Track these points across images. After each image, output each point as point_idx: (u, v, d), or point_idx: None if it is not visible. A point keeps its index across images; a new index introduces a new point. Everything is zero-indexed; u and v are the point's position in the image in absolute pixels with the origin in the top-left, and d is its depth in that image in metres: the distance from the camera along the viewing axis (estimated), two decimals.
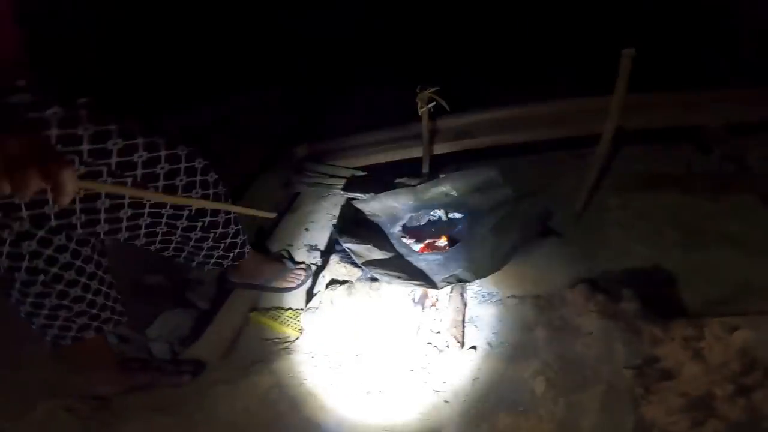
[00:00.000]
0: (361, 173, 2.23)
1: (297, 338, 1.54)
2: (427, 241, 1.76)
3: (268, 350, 1.55)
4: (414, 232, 1.82)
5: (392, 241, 1.66)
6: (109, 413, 1.38)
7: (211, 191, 1.27)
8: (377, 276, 1.45)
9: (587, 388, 1.18)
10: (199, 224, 1.32)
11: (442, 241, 1.75)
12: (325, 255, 1.82)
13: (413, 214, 1.83)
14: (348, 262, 1.63)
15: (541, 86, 2.47)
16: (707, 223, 1.74)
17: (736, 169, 2.05)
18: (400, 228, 1.76)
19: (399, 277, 1.45)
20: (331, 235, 1.89)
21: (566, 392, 1.20)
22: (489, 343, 1.44)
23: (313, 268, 1.77)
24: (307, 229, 2.00)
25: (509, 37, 2.77)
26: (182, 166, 1.18)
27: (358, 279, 1.60)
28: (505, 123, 2.29)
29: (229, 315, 1.64)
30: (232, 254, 1.49)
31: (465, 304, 1.54)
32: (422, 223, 1.87)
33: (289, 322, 1.62)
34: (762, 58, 2.39)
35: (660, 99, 2.30)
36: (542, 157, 2.36)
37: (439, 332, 1.48)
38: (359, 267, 1.58)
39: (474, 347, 1.43)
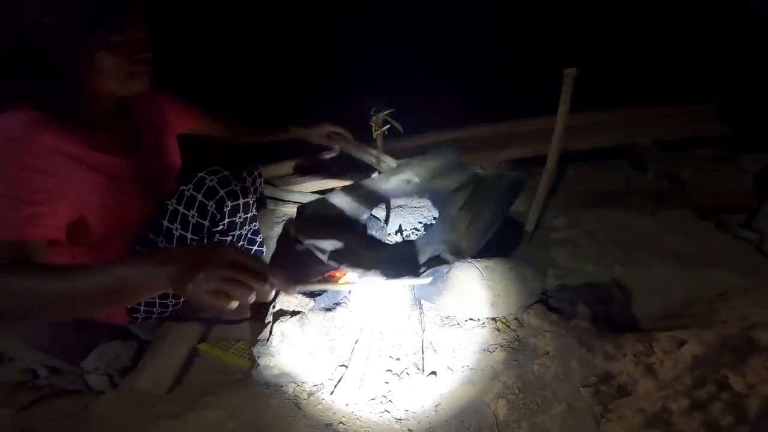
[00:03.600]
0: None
1: (249, 370, 1.47)
2: (396, 230, 1.71)
3: (219, 382, 1.48)
4: (381, 222, 1.78)
5: (359, 233, 1.58)
6: None
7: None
8: (351, 271, 1.37)
9: (548, 410, 1.19)
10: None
11: (413, 227, 1.70)
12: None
13: (378, 206, 1.76)
14: (299, 292, 1.57)
15: (490, 107, 2.53)
16: (648, 238, 1.82)
17: (670, 184, 2.17)
18: (366, 218, 1.68)
19: (374, 271, 1.37)
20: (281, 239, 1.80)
21: (528, 415, 1.20)
22: (450, 368, 1.42)
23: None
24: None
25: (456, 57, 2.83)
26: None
27: (311, 309, 1.55)
28: (457, 145, 2.33)
29: (176, 346, 1.55)
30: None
31: (423, 330, 1.52)
32: (388, 213, 1.83)
33: (240, 353, 1.55)
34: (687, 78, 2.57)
35: (595, 119, 2.41)
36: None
37: (398, 359, 1.46)
38: (311, 297, 1.53)
39: (434, 372, 1.41)
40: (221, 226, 1.38)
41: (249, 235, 1.53)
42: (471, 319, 1.55)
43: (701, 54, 2.56)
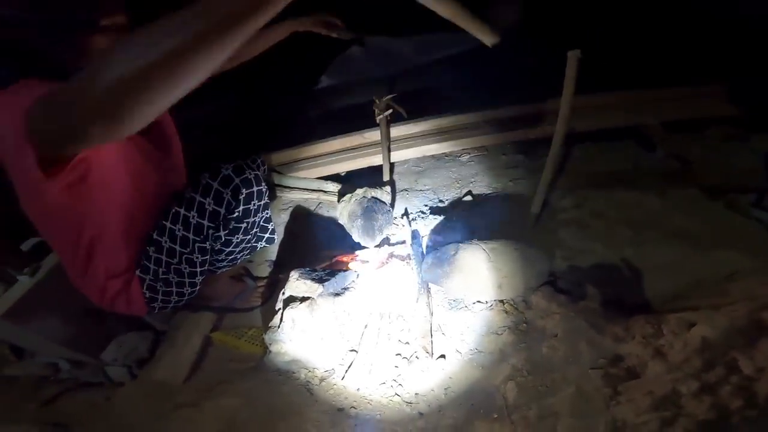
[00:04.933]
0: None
1: (262, 357, 1.49)
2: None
3: (234, 370, 1.51)
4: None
5: None
6: None
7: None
8: None
9: (557, 392, 1.20)
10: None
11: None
12: (285, 271, 1.77)
13: None
14: (308, 278, 1.58)
15: (493, 91, 2.50)
16: (656, 218, 1.80)
17: (679, 165, 2.14)
18: None
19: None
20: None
21: (537, 397, 1.21)
22: (458, 351, 1.44)
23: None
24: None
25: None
26: None
27: (320, 295, 1.55)
28: (461, 128, 2.32)
29: (191, 336, 1.58)
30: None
31: (432, 313, 1.53)
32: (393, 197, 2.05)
33: (253, 341, 1.57)
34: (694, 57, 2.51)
35: (603, 100, 2.38)
36: (499, 161, 2.40)
37: (407, 343, 1.47)
38: (320, 283, 1.54)
39: (443, 356, 1.43)
40: (236, 213, 1.40)
41: (262, 223, 1.54)
42: (479, 301, 1.56)
43: (709, 33, 2.50)
